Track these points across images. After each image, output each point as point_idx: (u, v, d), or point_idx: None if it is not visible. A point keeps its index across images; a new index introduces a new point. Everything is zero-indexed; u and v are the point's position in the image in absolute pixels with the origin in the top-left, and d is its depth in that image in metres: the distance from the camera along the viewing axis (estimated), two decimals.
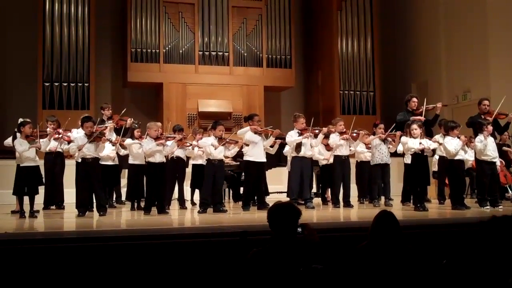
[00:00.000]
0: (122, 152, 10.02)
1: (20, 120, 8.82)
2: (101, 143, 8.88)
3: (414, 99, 10.25)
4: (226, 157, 9.82)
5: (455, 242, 5.63)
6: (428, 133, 9.69)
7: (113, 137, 9.89)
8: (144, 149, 9.02)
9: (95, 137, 8.72)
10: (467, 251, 3.77)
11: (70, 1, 13.80)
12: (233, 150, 9.61)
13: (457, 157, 9.15)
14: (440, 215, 8.74)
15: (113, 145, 9.71)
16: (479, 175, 9.46)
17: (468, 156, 10.38)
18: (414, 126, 8.90)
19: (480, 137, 9.13)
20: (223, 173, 9.59)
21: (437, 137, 9.54)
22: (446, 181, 10.27)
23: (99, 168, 9.01)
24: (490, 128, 9.23)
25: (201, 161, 9.91)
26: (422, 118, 9.61)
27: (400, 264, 3.77)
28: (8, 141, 9.22)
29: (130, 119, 10.27)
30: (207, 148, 9.20)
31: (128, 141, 9.76)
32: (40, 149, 8.99)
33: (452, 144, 9.07)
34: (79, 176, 8.95)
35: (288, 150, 10.05)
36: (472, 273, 3.60)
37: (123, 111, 10.44)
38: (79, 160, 9.19)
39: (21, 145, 8.47)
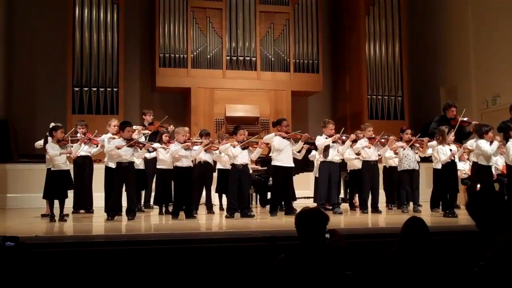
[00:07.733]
0: (149, 155, 10.06)
1: (52, 124, 8.92)
2: (144, 149, 9.03)
3: (453, 108, 10.15)
4: (251, 161, 9.78)
5: (485, 249, 5.55)
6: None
7: (142, 140, 9.91)
8: (171, 151, 9.05)
9: (134, 142, 8.80)
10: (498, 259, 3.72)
11: (99, 7, 13.99)
12: (256, 153, 9.53)
13: (487, 163, 9.08)
14: (470, 222, 8.59)
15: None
16: None
17: (498, 162, 10.22)
18: (452, 133, 8.93)
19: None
20: (248, 177, 9.49)
21: (470, 142, 9.44)
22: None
23: (134, 172, 9.05)
24: None
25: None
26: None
27: (430, 271, 3.73)
28: (40, 142, 9.29)
29: (171, 126, 10.27)
30: (228, 150, 9.19)
31: (156, 145, 9.80)
32: (71, 155, 9.00)
33: (487, 146, 9.03)
34: (114, 180, 8.90)
35: (314, 155, 10.01)
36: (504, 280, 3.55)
37: (164, 118, 10.51)
38: (109, 165, 9.21)
39: (53, 148, 8.60)
